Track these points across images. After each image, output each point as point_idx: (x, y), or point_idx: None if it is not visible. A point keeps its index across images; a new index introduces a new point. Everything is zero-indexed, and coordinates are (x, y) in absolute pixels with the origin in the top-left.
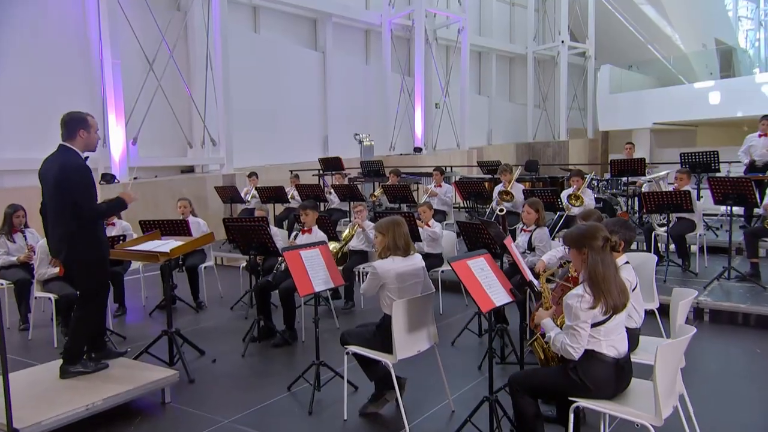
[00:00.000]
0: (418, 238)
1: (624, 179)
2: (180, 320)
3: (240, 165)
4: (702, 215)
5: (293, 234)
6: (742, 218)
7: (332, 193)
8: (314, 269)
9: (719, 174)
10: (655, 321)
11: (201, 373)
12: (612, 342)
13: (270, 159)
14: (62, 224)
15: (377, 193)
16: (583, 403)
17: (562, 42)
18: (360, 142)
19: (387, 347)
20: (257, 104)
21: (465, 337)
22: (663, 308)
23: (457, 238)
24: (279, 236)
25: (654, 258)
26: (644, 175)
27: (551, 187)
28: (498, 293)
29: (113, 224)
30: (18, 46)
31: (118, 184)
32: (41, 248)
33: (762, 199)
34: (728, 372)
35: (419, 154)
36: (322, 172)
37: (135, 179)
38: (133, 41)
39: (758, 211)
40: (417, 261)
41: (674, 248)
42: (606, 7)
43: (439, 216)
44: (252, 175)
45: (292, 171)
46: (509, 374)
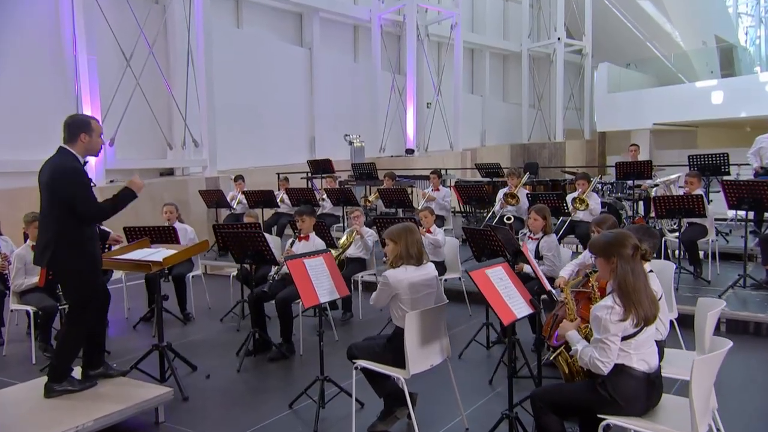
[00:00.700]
0: None
1: (629, 182)
2: (167, 333)
3: (222, 167)
4: (714, 220)
5: (289, 241)
6: (752, 223)
7: (325, 198)
8: (319, 279)
9: (729, 177)
10: (674, 332)
11: (195, 390)
12: (643, 356)
13: (254, 161)
14: (48, 229)
15: (372, 198)
16: (613, 421)
17: (558, 39)
18: (350, 144)
19: (399, 362)
20: (240, 104)
21: (472, 350)
22: (681, 318)
23: (460, 245)
24: (272, 243)
25: (672, 266)
26: (650, 178)
27: (555, 191)
28: (518, 304)
29: None
30: None
31: (95, 188)
32: (18, 257)
33: None
34: (754, 385)
35: (411, 156)
36: (311, 175)
37: (111, 182)
38: (109, 36)
39: None
40: (430, 270)
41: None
42: (603, 3)
43: (438, 222)
44: (238, 179)
45: (280, 174)
46: (523, 389)
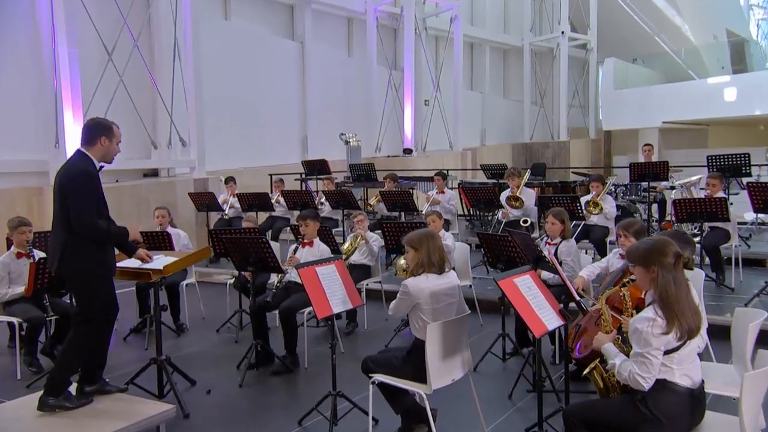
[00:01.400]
0: None
1: (644, 184)
2: None
3: (209, 168)
4: (736, 224)
5: (292, 247)
6: None
7: (324, 201)
8: (331, 288)
9: (751, 178)
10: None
11: (196, 407)
12: (686, 370)
13: (243, 161)
14: (58, 232)
15: (373, 201)
16: None
17: (562, 33)
18: (346, 143)
19: (419, 376)
20: (228, 101)
21: (488, 362)
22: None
23: (470, 251)
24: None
25: (702, 273)
26: (666, 180)
27: (564, 194)
28: (548, 315)
29: None
30: None
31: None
32: (1, 265)
33: None
34: None
35: (409, 156)
36: (305, 176)
37: (117, 182)
38: (89, 27)
39: None
40: (452, 279)
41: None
42: None
43: (444, 226)
44: (229, 181)
45: (272, 175)
46: (545, 404)
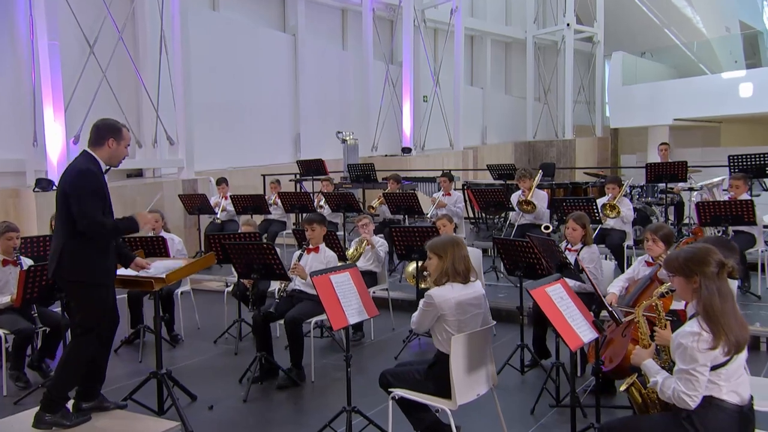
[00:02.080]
0: None
1: (661, 185)
2: (152, 357)
3: (197, 168)
4: (763, 228)
5: (297, 254)
6: None
7: (323, 203)
8: (346, 297)
9: None
10: None
11: (199, 424)
12: (733, 386)
13: (232, 161)
14: (58, 236)
15: (376, 203)
16: None
17: (567, 25)
18: (343, 141)
19: (443, 391)
20: (216, 97)
21: (506, 375)
22: None
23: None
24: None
25: (735, 282)
26: (685, 181)
27: (576, 196)
28: (582, 326)
29: None
30: None
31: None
32: None
33: None
34: None
35: (408, 156)
36: (300, 177)
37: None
38: (69, 18)
39: None
40: (478, 288)
41: None
42: None
43: None
44: (221, 182)
45: (265, 175)
46: (567, 420)
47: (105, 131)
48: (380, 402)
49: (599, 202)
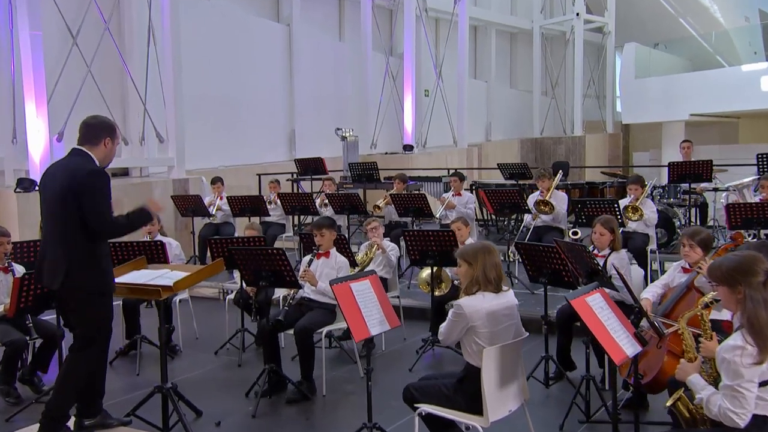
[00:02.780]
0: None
1: (684, 186)
2: (150, 369)
3: (187, 167)
4: None
5: (306, 259)
6: None
7: (327, 204)
8: (367, 307)
9: None
10: None
11: None
12: None
13: (223, 159)
14: (64, 244)
15: (382, 203)
16: None
17: (577, 15)
18: (343, 139)
19: (473, 406)
20: (205, 91)
21: (529, 388)
22: None
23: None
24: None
25: None
26: (710, 181)
27: (593, 197)
28: (624, 338)
29: None
30: None
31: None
32: None
33: None
34: None
35: (410, 154)
36: (298, 177)
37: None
38: (50, 6)
39: None
40: (510, 298)
41: None
42: None
43: None
44: (216, 182)
45: (261, 175)
46: None
47: (101, 130)
48: (397, 417)
49: (622, 204)
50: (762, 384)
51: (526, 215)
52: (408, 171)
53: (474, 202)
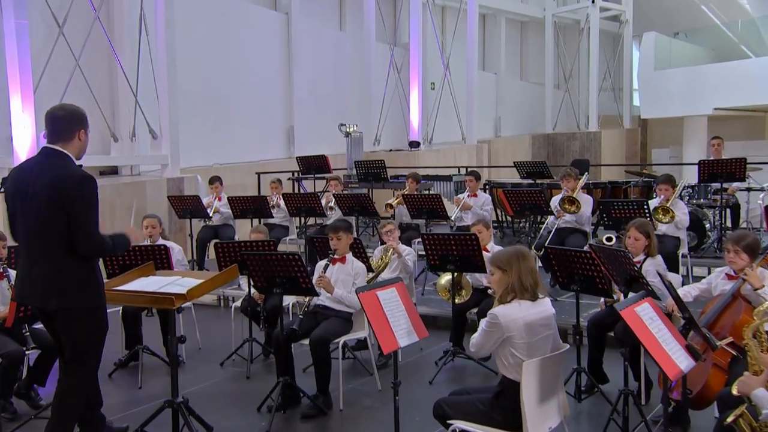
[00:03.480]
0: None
1: (715, 185)
2: (153, 382)
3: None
4: None
5: (322, 264)
6: None
7: (333, 206)
8: (394, 316)
9: None
10: None
11: None
12: None
13: (218, 157)
14: (56, 259)
15: (394, 203)
16: None
17: (592, 2)
18: (347, 135)
19: (512, 423)
20: (199, 84)
21: None
22: None
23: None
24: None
25: None
26: (743, 180)
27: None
28: (677, 351)
29: None
30: None
31: None
32: None
33: None
34: None
35: (417, 151)
36: (299, 175)
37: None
38: None
39: None
40: (547, 306)
41: None
42: None
43: None
44: (214, 181)
45: (260, 173)
46: None
47: (72, 122)
48: None
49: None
50: None
51: (549, 217)
52: (414, 170)
53: (491, 203)
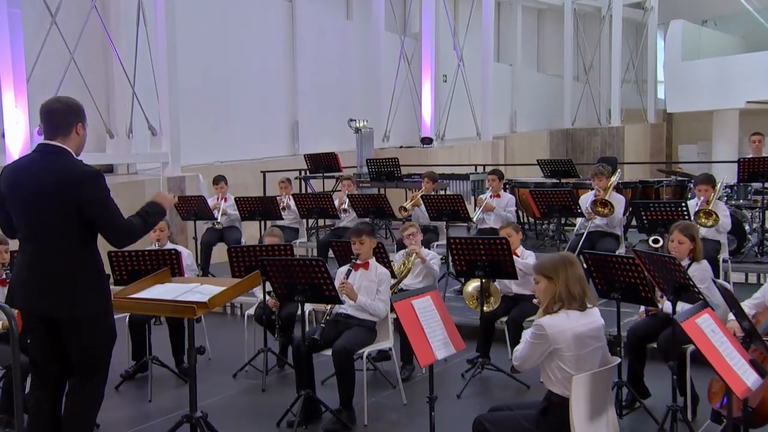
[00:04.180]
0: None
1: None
2: (163, 395)
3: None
4: None
5: (344, 270)
6: None
7: (347, 207)
8: (430, 326)
9: None
10: None
11: None
12: None
13: (219, 154)
14: (66, 264)
15: (408, 205)
16: None
17: None
18: (357, 131)
19: None
20: (198, 77)
21: None
22: None
23: None
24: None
25: None
26: None
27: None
28: (741, 366)
29: None
30: None
31: None
32: None
33: None
34: None
35: (429, 147)
36: (307, 174)
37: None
38: None
39: None
40: (596, 317)
41: None
42: None
43: None
44: (219, 181)
45: (265, 172)
46: None
47: (70, 115)
48: None
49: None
50: None
51: (579, 219)
52: (427, 168)
53: (514, 204)
